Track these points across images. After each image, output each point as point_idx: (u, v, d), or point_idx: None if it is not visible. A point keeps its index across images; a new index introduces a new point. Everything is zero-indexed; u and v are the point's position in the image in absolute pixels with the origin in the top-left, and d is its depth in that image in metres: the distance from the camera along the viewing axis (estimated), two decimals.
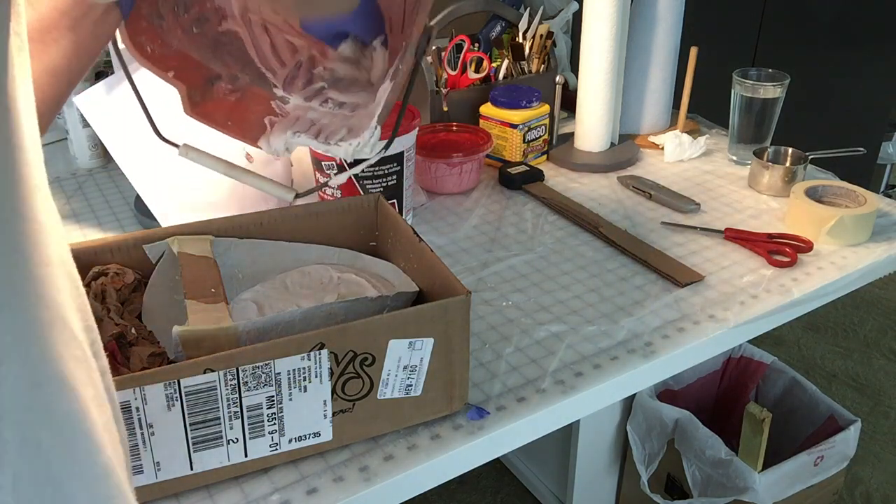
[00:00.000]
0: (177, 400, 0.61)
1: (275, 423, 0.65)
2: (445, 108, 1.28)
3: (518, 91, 1.27)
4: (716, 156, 1.33)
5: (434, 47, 1.28)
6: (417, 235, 0.76)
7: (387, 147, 0.70)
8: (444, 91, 1.28)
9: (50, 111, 0.56)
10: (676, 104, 1.39)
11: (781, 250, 1.02)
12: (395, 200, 1.03)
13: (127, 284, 0.74)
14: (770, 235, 1.05)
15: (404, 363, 0.68)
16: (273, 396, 0.64)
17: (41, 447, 0.32)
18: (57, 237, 0.35)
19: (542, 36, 1.36)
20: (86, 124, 1.24)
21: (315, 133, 0.68)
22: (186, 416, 0.62)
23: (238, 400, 0.63)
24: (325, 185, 0.71)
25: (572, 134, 1.33)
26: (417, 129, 1.04)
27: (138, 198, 1.09)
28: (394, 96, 0.64)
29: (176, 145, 0.66)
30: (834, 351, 2.17)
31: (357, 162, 0.76)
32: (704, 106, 1.46)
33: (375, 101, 0.67)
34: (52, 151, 1.34)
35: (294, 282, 0.78)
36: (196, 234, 0.78)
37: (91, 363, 0.37)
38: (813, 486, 1.30)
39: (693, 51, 1.31)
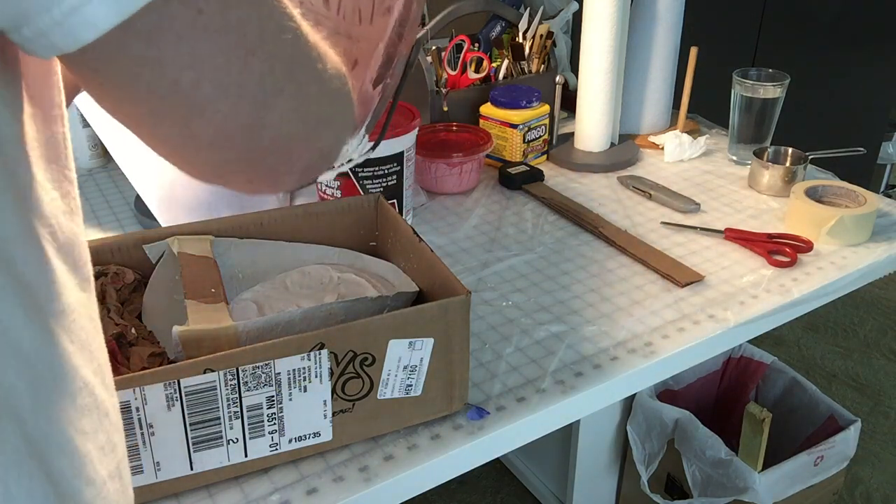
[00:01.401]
0: (177, 400, 0.61)
1: (275, 423, 0.65)
2: (445, 108, 1.28)
3: (518, 91, 1.27)
4: (716, 156, 1.33)
5: (434, 47, 1.28)
6: (417, 235, 0.76)
7: (373, 148, 0.70)
8: (444, 91, 1.28)
9: None
10: (676, 104, 1.39)
11: (781, 250, 1.02)
12: (395, 200, 1.03)
13: (127, 284, 0.74)
14: (770, 235, 1.05)
15: (404, 363, 0.68)
16: (273, 396, 0.64)
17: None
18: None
19: (542, 36, 1.36)
20: (86, 124, 1.24)
21: None
22: (186, 416, 0.62)
23: (238, 400, 0.63)
24: (314, 181, 0.71)
25: (572, 134, 1.33)
26: (417, 129, 1.04)
27: (138, 198, 1.09)
28: (382, 107, 0.64)
29: None
30: (834, 351, 2.17)
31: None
32: (704, 106, 1.46)
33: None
34: None
35: (294, 282, 0.78)
36: (196, 234, 0.78)
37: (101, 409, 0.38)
38: (813, 486, 1.30)
39: (693, 51, 1.31)
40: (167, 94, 0.34)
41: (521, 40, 1.36)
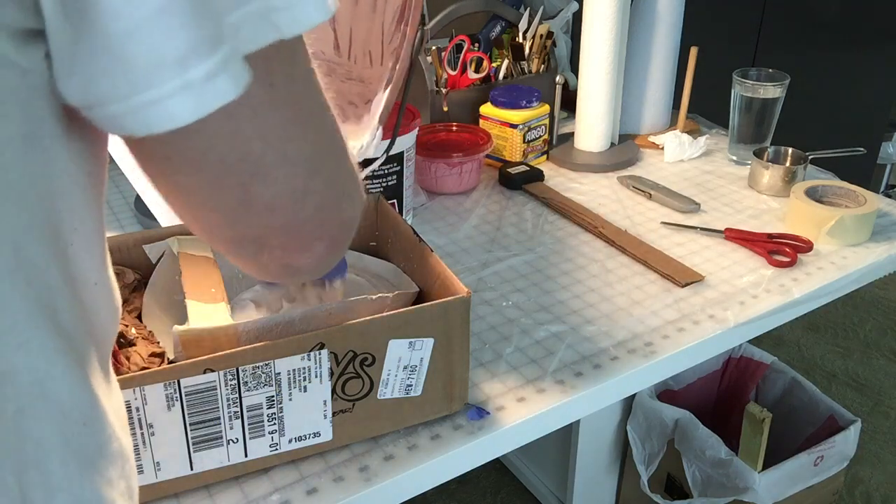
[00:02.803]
0: (177, 400, 0.61)
1: (275, 423, 0.65)
2: (445, 108, 1.28)
3: (518, 91, 1.27)
4: (716, 156, 1.33)
5: (434, 47, 1.27)
6: (417, 235, 0.76)
7: (389, 148, 0.70)
8: (444, 91, 1.28)
9: None
10: (676, 104, 1.39)
11: (781, 250, 1.02)
12: (395, 200, 1.03)
13: (127, 284, 0.74)
14: (770, 235, 1.05)
15: (404, 363, 0.68)
16: (273, 396, 0.64)
17: None
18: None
19: (542, 36, 1.35)
20: None
21: None
22: (186, 416, 0.62)
23: (238, 400, 0.63)
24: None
25: (572, 134, 1.33)
26: (417, 129, 1.04)
27: (138, 198, 1.09)
28: (392, 96, 0.64)
29: None
30: (834, 351, 2.16)
31: (364, 166, 0.77)
32: (704, 106, 1.46)
33: (375, 102, 0.67)
34: None
35: None
36: None
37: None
38: (813, 486, 1.30)
39: (693, 51, 1.31)
40: (234, 163, 0.35)
41: (521, 40, 1.36)
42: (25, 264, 0.32)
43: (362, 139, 0.66)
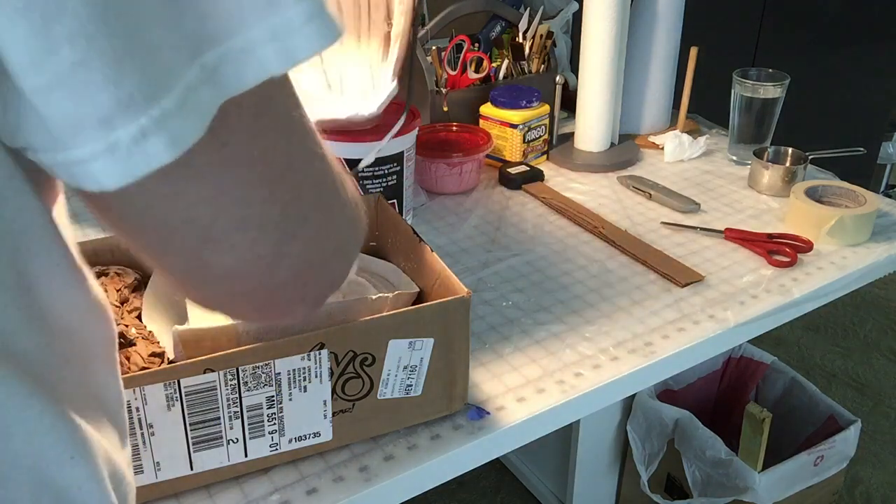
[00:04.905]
0: (177, 400, 0.61)
1: (275, 423, 0.65)
2: (445, 108, 1.28)
3: (518, 91, 1.27)
4: (716, 156, 1.33)
5: (434, 47, 1.28)
6: (417, 235, 0.76)
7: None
8: (444, 91, 1.28)
9: None
10: (676, 104, 1.39)
11: (781, 250, 1.02)
12: (395, 200, 1.03)
13: (127, 284, 0.74)
14: (770, 235, 1.05)
15: (404, 363, 0.68)
16: (273, 396, 0.64)
17: None
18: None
19: (542, 36, 1.35)
20: None
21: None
22: (186, 416, 0.62)
23: (238, 400, 0.63)
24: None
25: (572, 134, 1.33)
26: (417, 129, 1.03)
27: None
28: (402, 52, 0.64)
29: None
30: (834, 351, 2.16)
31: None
32: (704, 106, 1.46)
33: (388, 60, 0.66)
34: None
35: None
36: None
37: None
38: (813, 486, 1.30)
39: (693, 51, 1.31)
40: (179, 226, 0.31)
41: (521, 40, 1.36)
42: None
43: (375, 99, 0.66)
